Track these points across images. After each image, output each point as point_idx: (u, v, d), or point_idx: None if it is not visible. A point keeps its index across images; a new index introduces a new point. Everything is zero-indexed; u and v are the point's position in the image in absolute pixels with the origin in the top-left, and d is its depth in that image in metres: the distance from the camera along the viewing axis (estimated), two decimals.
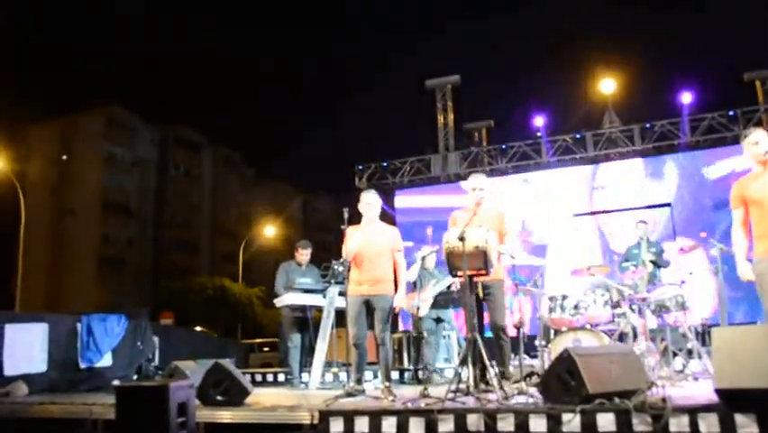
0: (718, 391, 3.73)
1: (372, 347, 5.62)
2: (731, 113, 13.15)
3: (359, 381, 5.45)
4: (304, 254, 8.04)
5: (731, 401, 3.65)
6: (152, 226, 47.71)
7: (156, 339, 9.13)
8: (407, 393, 5.26)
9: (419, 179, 15.17)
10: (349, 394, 5.19)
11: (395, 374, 8.87)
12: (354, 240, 5.48)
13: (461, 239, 4.86)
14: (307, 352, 7.77)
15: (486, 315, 5.75)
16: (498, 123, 15.70)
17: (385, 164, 15.39)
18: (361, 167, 15.59)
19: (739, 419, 3.57)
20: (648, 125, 13.66)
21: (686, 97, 13.14)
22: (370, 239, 5.51)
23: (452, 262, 5.06)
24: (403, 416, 4.23)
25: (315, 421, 4.39)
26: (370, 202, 5.61)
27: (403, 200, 15.22)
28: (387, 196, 15.29)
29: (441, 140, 15.32)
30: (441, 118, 15.49)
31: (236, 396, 5.03)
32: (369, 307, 5.45)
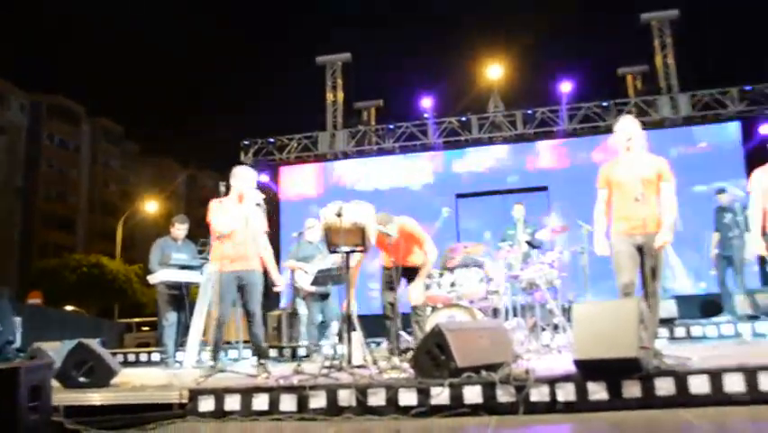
0: (576, 362, 3.94)
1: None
2: (605, 104, 13.88)
3: (216, 358, 5.38)
4: (180, 229, 7.78)
5: (586, 371, 3.87)
6: (22, 198, 44.69)
7: (18, 320, 8.59)
8: (283, 370, 5.22)
9: (306, 156, 15.03)
10: (221, 372, 5.09)
11: (273, 352, 8.83)
12: (230, 215, 5.34)
13: (339, 215, 4.85)
14: (183, 330, 7.56)
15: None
16: (388, 103, 15.78)
17: (272, 140, 15.12)
18: (247, 142, 15.25)
19: (591, 386, 3.79)
20: (530, 112, 14.17)
21: (565, 87, 13.71)
22: (244, 215, 5.39)
23: (330, 238, 5.05)
24: (275, 393, 4.19)
25: (185, 400, 4.28)
26: (245, 177, 5.49)
27: (288, 176, 15.05)
28: (273, 172, 15.07)
29: (329, 117, 15.24)
30: (330, 96, 15.38)
31: (101, 377, 4.81)
32: (240, 283, 5.35)
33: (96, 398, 4.43)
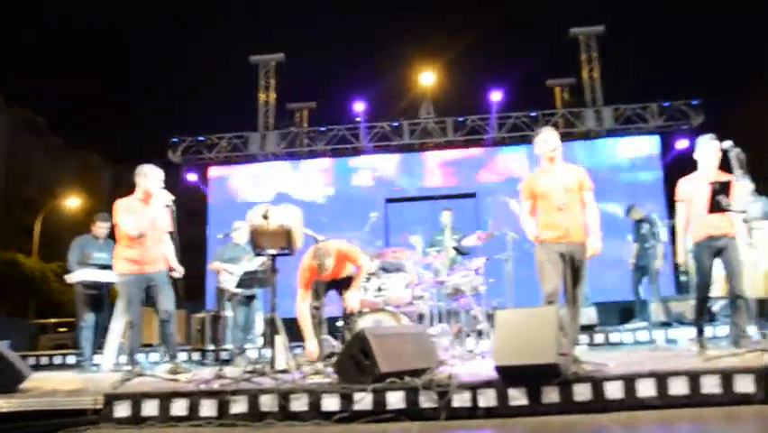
0: (497, 368, 4.00)
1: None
2: (533, 114, 14.22)
3: (134, 360, 5.24)
4: (102, 228, 7.51)
5: (507, 377, 3.93)
6: None
7: None
8: (204, 374, 5.10)
9: (236, 156, 14.79)
10: (140, 376, 4.93)
11: (196, 355, 8.64)
12: (139, 217, 5.20)
13: (266, 217, 4.78)
14: (102, 332, 7.30)
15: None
16: (321, 105, 15.71)
17: (201, 139, 14.81)
18: (176, 140, 14.89)
19: (512, 392, 3.85)
20: (461, 119, 14.36)
21: (496, 96, 13.96)
22: (152, 216, 5.26)
23: (255, 240, 4.98)
24: (194, 398, 4.08)
25: (99, 406, 4.12)
26: (153, 176, 5.36)
27: (217, 176, 14.77)
28: (201, 171, 14.76)
29: (261, 118, 15.04)
30: (263, 96, 15.20)
31: (8, 382, 4.57)
32: (149, 285, 5.21)
33: (0, 405, 4.21)
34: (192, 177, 14.54)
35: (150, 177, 5.34)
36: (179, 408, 4.06)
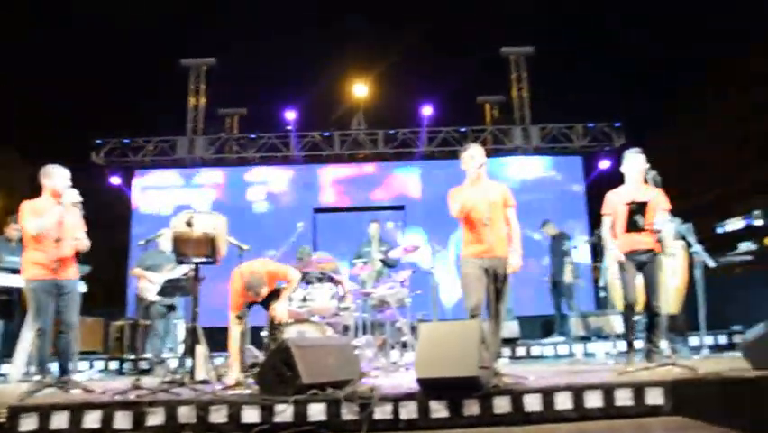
0: (419, 381, 4.03)
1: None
2: (463, 129, 14.46)
3: (44, 370, 5.02)
4: (16, 230, 7.18)
5: (428, 390, 3.96)
6: None
7: None
8: (119, 385, 4.94)
9: (163, 160, 14.42)
10: (49, 386, 4.73)
11: (114, 364, 8.36)
12: (49, 217, 4.99)
13: (189, 224, 4.68)
14: (11, 340, 6.97)
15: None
16: (251, 112, 15.46)
17: (126, 141, 14.38)
18: (99, 141, 14.40)
19: (433, 405, 3.89)
20: (392, 132, 14.46)
21: (427, 110, 14.11)
22: (59, 216, 5.07)
23: (178, 248, 4.87)
24: (108, 409, 3.95)
25: (2, 420, 3.92)
26: (59, 175, 5.18)
27: (142, 182, 14.35)
28: (126, 175, 14.31)
29: (190, 122, 14.72)
30: (192, 100, 14.88)
31: None
32: (59, 292, 5.02)
33: None
34: (116, 180, 14.09)
35: (54, 177, 5.13)
36: (92, 420, 3.92)
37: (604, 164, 13.68)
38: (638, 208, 5.20)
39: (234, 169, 14.26)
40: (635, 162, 5.59)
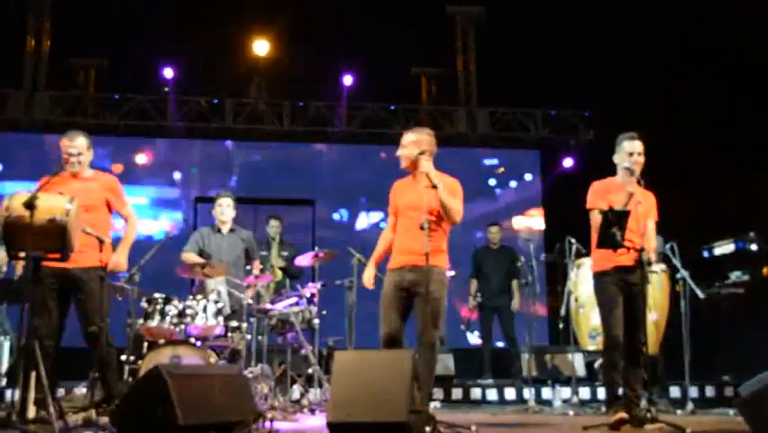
0: (330, 426, 3.98)
1: None
2: (392, 107, 14.45)
3: None
4: None
5: None
6: None
7: None
8: None
9: None
10: None
11: None
12: None
13: (30, 206, 4.46)
14: None
15: None
16: (115, 65, 14.93)
17: None
18: None
19: None
20: (301, 104, 14.30)
21: (347, 80, 13.99)
22: None
23: (12, 238, 4.62)
24: None
25: None
26: None
27: None
28: None
29: (28, 72, 14.10)
30: (31, 42, 14.24)
31: None
32: None
33: None
34: None
35: None
36: None
37: (567, 162, 13.94)
38: (617, 219, 5.15)
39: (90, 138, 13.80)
40: (630, 150, 5.54)
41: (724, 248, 8.32)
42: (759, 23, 9.43)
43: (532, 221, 13.90)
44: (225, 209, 7.68)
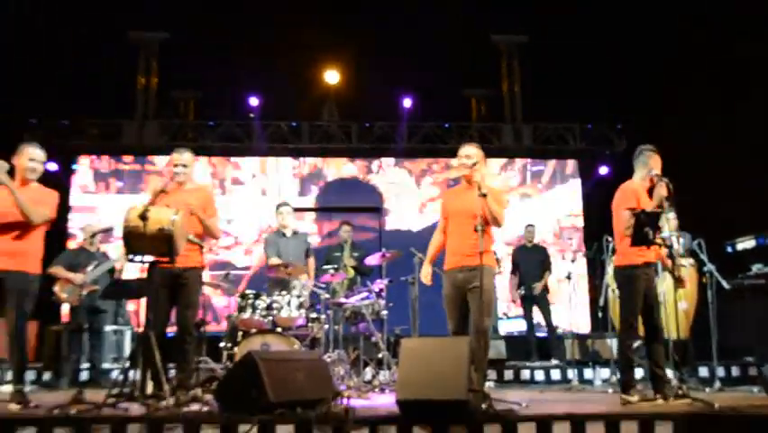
0: (400, 403, 4.02)
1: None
2: (446, 125, 14.52)
3: None
4: None
5: (410, 413, 3.96)
6: None
7: None
8: (56, 398, 4.85)
9: (107, 145, 14.19)
10: None
11: (48, 375, 8.23)
12: None
13: (143, 218, 4.62)
14: None
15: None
16: (208, 96, 15.26)
17: (65, 122, 14.12)
18: (34, 121, 14.12)
19: (416, 430, 3.88)
20: (367, 124, 14.44)
21: (407, 102, 14.14)
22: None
23: (130, 244, 4.80)
24: (45, 426, 3.87)
25: None
26: None
27: (83, 169, 14.14)
28: (65, 160, 14.04)
29: (139, 104, 14.53)
30: (142, 80, 14.69)
31: None
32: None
33: None
34: (52, 167, 13.84)
35: None
36: None
37: (603, 170, 13.84)
38: (648, 219, 5.16)
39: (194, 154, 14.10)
40: (650, 162, 5.54)
41: (746, 243, 8.12)
42: None
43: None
44: (287, 216, 7.88)
